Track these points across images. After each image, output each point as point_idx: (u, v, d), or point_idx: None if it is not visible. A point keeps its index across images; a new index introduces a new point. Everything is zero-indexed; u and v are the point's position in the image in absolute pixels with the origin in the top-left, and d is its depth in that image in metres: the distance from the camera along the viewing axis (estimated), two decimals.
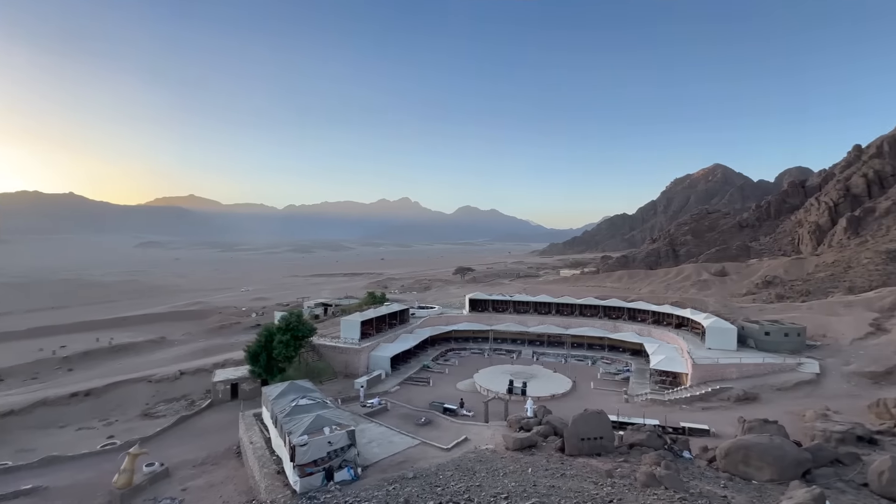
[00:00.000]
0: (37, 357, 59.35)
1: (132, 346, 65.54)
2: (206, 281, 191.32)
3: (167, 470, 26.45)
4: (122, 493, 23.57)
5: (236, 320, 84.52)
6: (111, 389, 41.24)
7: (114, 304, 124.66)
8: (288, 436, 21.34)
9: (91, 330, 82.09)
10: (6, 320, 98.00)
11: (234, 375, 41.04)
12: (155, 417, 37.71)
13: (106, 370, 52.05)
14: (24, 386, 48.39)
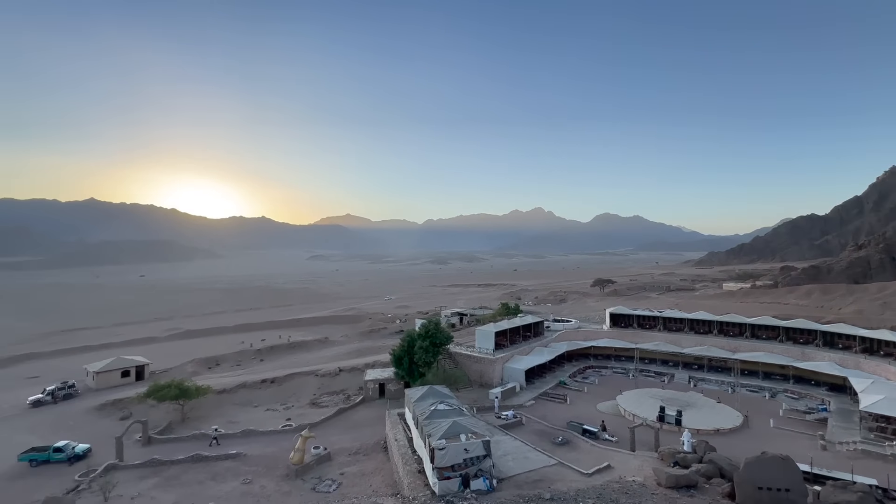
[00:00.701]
0: (240, 348, 74.49)
1: (304, 343, 77.51)
2: (358, 289, 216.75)
3: (329, 454, 30.23)
4: (296, 469, 27.72)
5: (383, 325, 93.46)
6: (289, 379, 49.23)
7: (291, 307, 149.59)
8: (428, 438, 22.47)
9: (275, 328, 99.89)
10: (222, 318, 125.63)
11: (382, 376, 45.20)
12: (320, 407, 43.68)
13: (285, 363, 62.49)
14: (231, 371, 61.04)
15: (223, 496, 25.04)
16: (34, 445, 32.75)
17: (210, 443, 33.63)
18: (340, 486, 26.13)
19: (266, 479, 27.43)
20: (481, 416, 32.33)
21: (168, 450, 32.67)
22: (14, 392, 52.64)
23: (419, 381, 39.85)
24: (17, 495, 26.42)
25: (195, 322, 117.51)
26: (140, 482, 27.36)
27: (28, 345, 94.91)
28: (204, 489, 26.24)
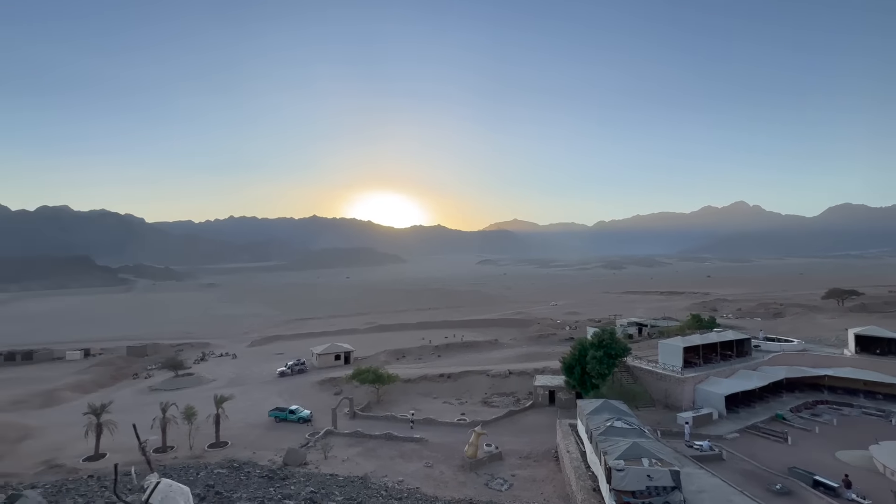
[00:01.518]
0: (421, 344, 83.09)
1: (475, 343, 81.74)
2: (526, 294, 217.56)
3: (500, 454, 30.96)
4: (470, 462, 29.26)
5: (552, 331, 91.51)
6: (463, 376, 52.46)
7: (462, 308, 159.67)
8: (604, 455, 20.92)
9: (450, 328, 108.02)
10: (406, 315, 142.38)
11: (552, 383, 44.18)
12: (491, 406, 45.22)
13: (459, 360, 66.91)
14: (414, 363, 68.45)
15: (410, 474, 28.11)
16: (278, 406, 42.87)
17: (410, 426, 37.75)
18: (512, 488, 26.47)
19: (444, 466, 29.72)
20: (667, 442, 28.52)
21: (367, 425, 38.46)
22: (269, 364, 69.62)
23: (592, 392, 37.54)
24: (270, 442, 34.84)
25: (386, 318, 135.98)
26: (348, 448, 32.92)
27: (276, 328, 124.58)
28: (395, 464, 29.98)
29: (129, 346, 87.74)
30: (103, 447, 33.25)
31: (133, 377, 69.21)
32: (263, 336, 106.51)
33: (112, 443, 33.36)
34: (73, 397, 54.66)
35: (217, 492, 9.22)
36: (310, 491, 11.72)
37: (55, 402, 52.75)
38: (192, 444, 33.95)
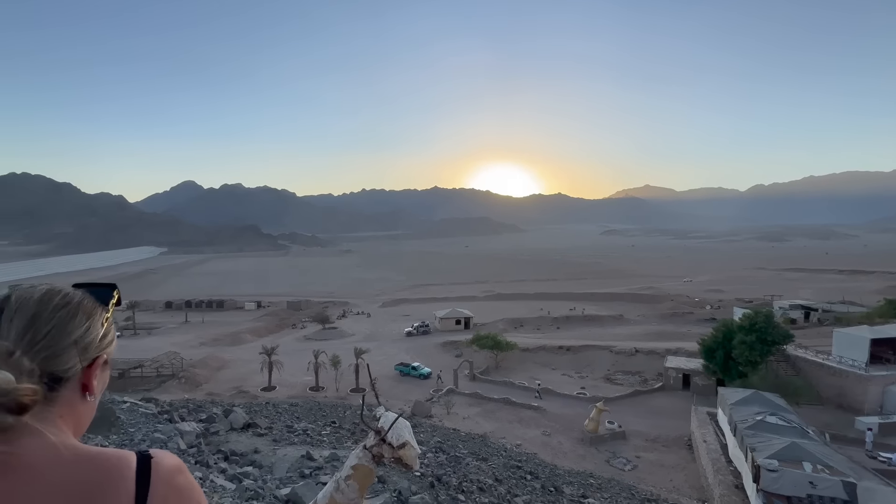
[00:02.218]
0: (539, 314, 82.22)
1: (597, 318, 77.85)
2: (657, 267, 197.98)
3: (624, 433, 29.60)
4: (590, 437, 28.61)
5: (689, 310, 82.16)
6: (583, 350, 50.76)
7: (584, 281, 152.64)
8: (751, 452, 18.55)
9: (570, 300, 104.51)
10: (524, 285, 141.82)
11: (686, 366, 40.16)
12: (614, 383, 43.14)
13: (579, 334, 64.70)
14: (532, 333, 68.30)
15: (528, 439, 28.68)
16: (402, 361, 47.13)
17: (535, 395, 37.45)
18: (636, 469, 25.25)
19: (563, 437, 29.60)
20: (840, 448, 23.96)
21: (486, 388, 40.02)
22: (397, 324, 76.39)
23: (738, 381, 33.14)
24: (399, 393, 38.66)
25: (503, 287, 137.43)
26: (469, 408, 34.83)
27: (402, 292, 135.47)
28: (513, 428, 30.86)
29: (289, 301, 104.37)
30: (273, 381, 40.83)
31: (292, 327, 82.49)
32: (392, 298, 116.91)
33: (279, 378, 40.87)
34: (251, 339, 67.61)
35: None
36: (437, 440, 12.76)
37: (240, 342, 65.90)
38: (338, 387, 39.61)
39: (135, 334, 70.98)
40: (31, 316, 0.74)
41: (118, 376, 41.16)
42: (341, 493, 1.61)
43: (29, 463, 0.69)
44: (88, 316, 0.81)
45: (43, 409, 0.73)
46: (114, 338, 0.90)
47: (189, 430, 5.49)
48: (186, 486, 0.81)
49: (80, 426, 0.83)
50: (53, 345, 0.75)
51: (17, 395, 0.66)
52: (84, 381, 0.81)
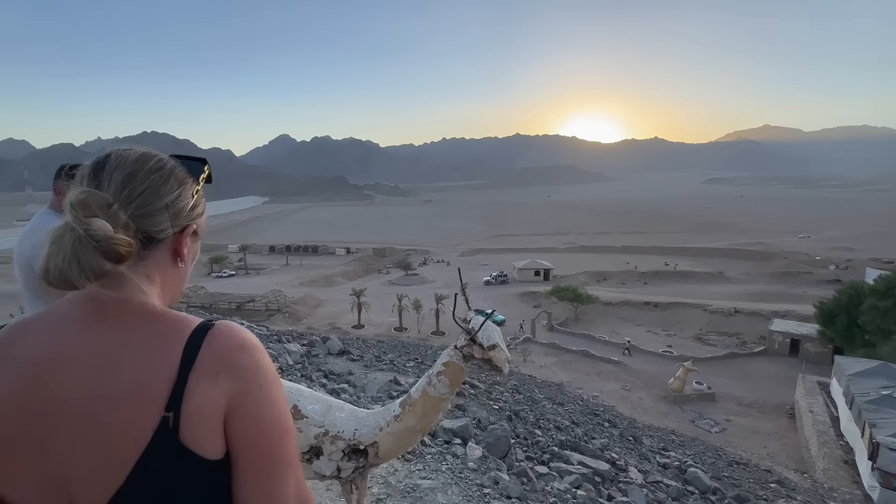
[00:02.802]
0: (625, 268, 78.07)
1: (692, 274, 71.89)
2: (770, 221, 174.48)
3: (714, 395, 27.98)
4: (674, 396, 27.51)
5: (806, 269, 72.16)
6: (673, 307, 47.72)
7: (678, 234, 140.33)
8: (870, 428, 16.54)
9: (660, 254, 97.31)
10: (609, 237, 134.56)
11: (796, 331, 36.03)
12: (706, 344, 40.35)
13: (669, 290, 60.58)
14: (616, 287, 65.43)
15: (606, 392, 28.41)
16: (478, 308, 48.41)
17: (623, 352, 36.15)
18: (724, 432, 23.99)
19: (643, 393, 28.83)
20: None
21: (564, 339, 39.84)
22: (476, 273, 77.75)
23: (862, 351, 29.05)
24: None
25: (586, 239, 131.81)
26: (545, 357, 35.14)
27: (481, 242, 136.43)
28: (590, 380, 30.68)
29: (375, 248, 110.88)
30: (362, 320, 44.56)
31: (377, 272, 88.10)
32: (471, 248, 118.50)
33: (367, 318, 44.46)
34: (342, 282, 73.69)
35: None
36: (514, 384, 13.14)
37: (332, 284, 72.22)
38: (420, 329, 42.13)
39: (246, 273, 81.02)
40: (127, 174, 0.76)
41: (235, 308, 47.79)
42: (433, 388, 1.70)
43: (122, 310, 0.75)
44: (180, 184, 0.82)
45: (136, 264, 0.77)
46: (204, 211, 0.90)
47: (295, 349, 6.23)
48: (249, 367, 0.75)
49: (170, 291, 0.85)
50: (147, 204, 0.77)
51: (114, 244, 0.70)
52: (175, 247, 0.82)
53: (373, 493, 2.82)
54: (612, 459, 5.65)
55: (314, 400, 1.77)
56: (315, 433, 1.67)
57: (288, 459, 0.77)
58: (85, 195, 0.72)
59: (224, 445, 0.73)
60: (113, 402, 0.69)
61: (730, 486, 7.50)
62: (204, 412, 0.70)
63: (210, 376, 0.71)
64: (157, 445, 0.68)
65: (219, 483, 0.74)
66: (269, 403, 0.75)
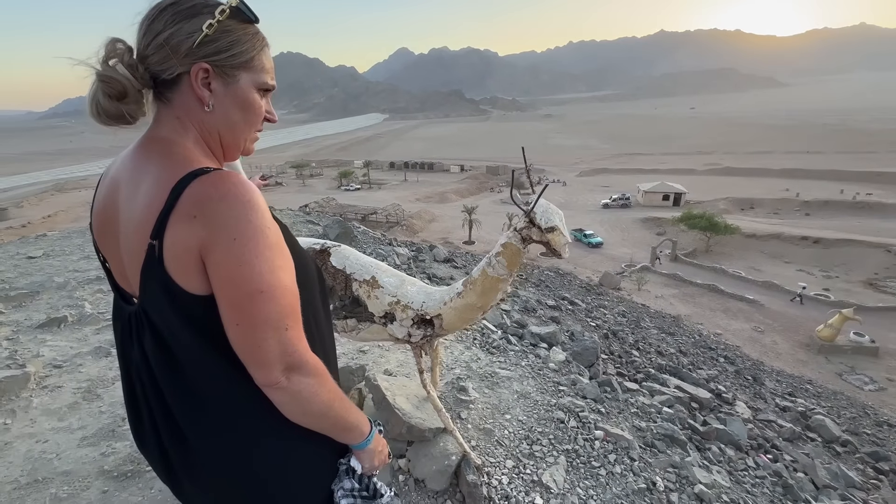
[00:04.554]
0: (782, 196, 65.41)
1: (879, 206, 57.36)
2: None
3: (877, 349, 23.66)
4: (821, 344, 23.92)
5: None
6: (840, 245, 39.53)
7: (873, 155, 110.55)
8: None
9: (837, 180, 78.73)
10: (767, 158, 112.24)
11: None
12: (880, 290, 33.27)
13: (840, 224, 49.71)
14: (766, 218, 55.78)
15: (731, 331, 25.85)
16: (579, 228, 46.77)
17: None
18: (883, 391, 20.47)
19: (779, 337, 25.57)
20: None
21: (689, 272, 36.33)
22: (594, 195, 72.97)
23: None
24: (589, 263, 38.72)
25: (736, 160, 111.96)
26: (663, 288, 32.73)
27: (603, 161, 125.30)
28: (714, 317, 28.04)
29: (488, 166, 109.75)
30: (473, 237, 45.99)
31: (490, 190, 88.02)
32: (591, 168, 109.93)
33: (478, 235, 45.67)
34: (455, 199, 75.61)
35: (547, 285, 11.30)
36: (622, 309, 12.67)
37: (446, 201, 74.64)
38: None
39: (370, 188, 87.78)
40: (152, 15, 0.78)
41: (361, 219, 52.91)
42: (492, 268, 1.75)
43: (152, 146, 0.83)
44: (183, 17, 0.78)
45: (167, 107, 0.83)
46: (227, 47, 0.81)
47: (402, 252, 6.78)
48: (224, 219, 0.74)
49: (212, 137, 0.86)
50: (149, 42, 0.77)
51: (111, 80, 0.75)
52: (195, 90, 0.81)
53: (454, 373, 3.11)
54: (717, 391, 5.29)
55: (390, 274, 1.95)
56: (389, 301, 1.87)
57: (260, 320, 0.77)
58: (110, 41, 0.76)
59: (207, 284, 0.77)
60: (132, 220, 0.78)
61: (869, 443, 6.56)
62: (178, 249, 0.74)
63: (186, 218, 0.73)
64: (149, 267, 0.76)
65: (201, 315, 0.78)
66: (238, 260, 0.74)
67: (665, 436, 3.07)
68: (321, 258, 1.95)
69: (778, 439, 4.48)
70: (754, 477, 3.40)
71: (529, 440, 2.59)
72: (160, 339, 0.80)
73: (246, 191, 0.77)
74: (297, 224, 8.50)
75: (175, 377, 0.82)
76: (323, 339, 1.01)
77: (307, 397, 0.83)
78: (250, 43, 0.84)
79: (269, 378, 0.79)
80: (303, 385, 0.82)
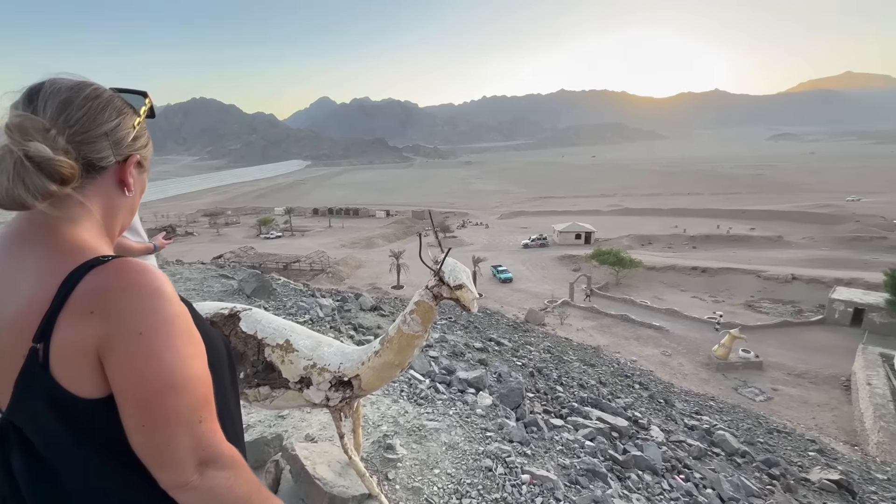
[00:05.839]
0: (672, 232, 74.44)
1: (747, 238, 67.52)
2: (842, 180, 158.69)
3: (761, 363, 26.93)
4: (718, 362, 26.73)
5: (880, 234, 65.71)
6: (723, 273, 45.43)
7: (736, 196, 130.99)
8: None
9: (714, 217, 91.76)
10: (657, 200, 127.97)
11: (861, 300, 33.42)
12: (757, 311, 38.42)
13: (720, 255, 57.45)
14: (662, 251, 62.79)
15: (644, 357, 28.01)
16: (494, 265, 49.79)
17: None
18: (770, 401, 23.20)
19: (684, 359, 28.18)
20: None
21: (603, 304, 39.21)
22: (514, 236, 77.07)
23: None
24: (514, 301, 40.19)
25: (633, 201, 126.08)
26: (583, 321, 34.85)
27: (521, 204, 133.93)
28: (629, 344, 30.27)
29: (413, 210, 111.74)
30: (401, 281, 45.76)
31: (416, 234, 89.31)
32: (510, 210, 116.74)
33: (406, 279, 45.59)
34: (382, 244, 75.36)
35: (475, 326, 11.50)
36: (547, 345, 13.20)
37: (373, 246, 74.09)
38: None
39: (292, 235, 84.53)
40: (63, 100, 0.74)
41: (283, 268, 50.33)
42: (407, 325, 1.79)
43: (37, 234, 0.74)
44: (119, 113, 0.80)
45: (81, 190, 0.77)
46: (148, 143, 0.88)
47: (326, 304, 6.55)
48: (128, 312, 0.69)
49: (119, 220, 0.85)
50: (86, 131, 0.75)
51: (56, 165, 0.69)
52: (120, 177, 0.82)
53: (381, 430, 3.01)
54: (634, 418, 5.65)
55: (305, 336, 1.90)
56: (304, 365, 1.81)
57: (171, 416, 0.70)
58: (21, 118, 0.70)
59: (104, 385, 0.70)
60: (4, 320, 0.69)
61: (762, 451, 7.34)
62: (70, 350, 0.67)
63: (81, 315, 0.67)
64: (28, 375, 0.68)
65: (96, 422, 0.71)
66: (147, 354, 0.69)
67: (588, 471, 3.20)
68: (230, 324, 1.85)
69: (688, 458, 4.87)
70: (669, 500, 3.64)
71: (459, 493, 2.55)
72: (34, 457, 0.70)
73: (151, 278, 0.72)
74: (208, 279, 7.88)
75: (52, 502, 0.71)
76: (233, 421, 0.94)
77: (222, 493, 0.75)
78: (148, 134, 0.90)
79: (180, 479, 0.71)
80: (217, 480, 0.75)
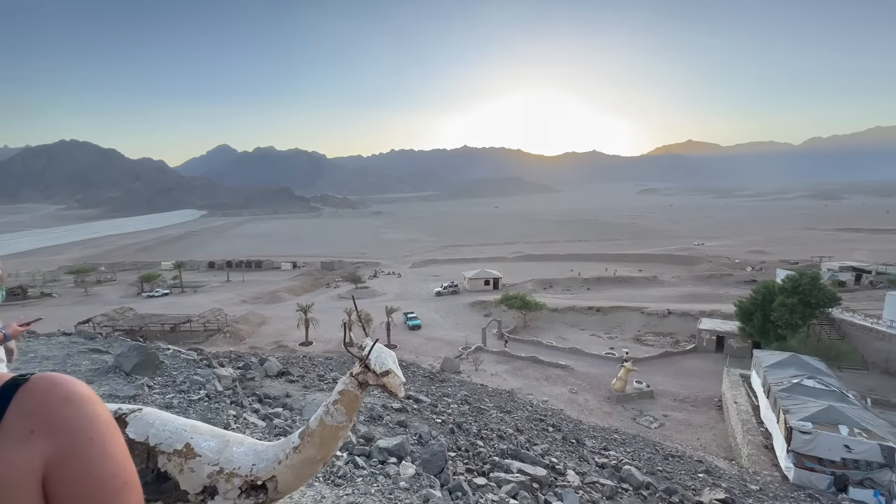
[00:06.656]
0: (569, 275, 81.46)
1: (629, 279, 76.40)
2: (696, 228, 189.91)
3: (652, 392, 29.65)
4: (617, 395, 28.86)
5: (727, 271, 79.09)
6: (613, 311, 50.28)
7: (618, 242, 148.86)
8: (784, 414, 18.26)
9: (601, 261, 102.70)
10: (554, 246, 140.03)
11: (721, 328, 39.21)
12: (644, 344, 42.82)
13: (610, 295, 63.94)
14: (562, 294, 68.02)
15: (554, 396, 29.26)
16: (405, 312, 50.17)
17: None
18: (663, 427, 25.45)
19: (589, 395, 29.99)
20: (882, 413, 23.19)
21: (514, 346, 40.68)
22: (426, 284, 77.79)
23: (776, 344, 32.19)
24: (430, 350, 39.85)
25: (533, 248, 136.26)
26: (496, 365, 35.64)
27: (432, 253, 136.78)
28: (539, 385, 31.48)
29: (323, 262, 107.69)
30: (310, 337, 42.91)
31: (326, 286, 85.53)
32: (422, 259, 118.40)
33: (316, 334, 42.88)
34: (288, 298, 70.73)
35: None
36: (464, 394, 13.18)
37: (278, 301, 69.12)
38: None
39: (182, 292, 75.59)
40: None
41: (170, 330, 44.33)
42: (330, 416, 1.69)
43: None
44: None
45: None
46: None
47: (226, 374, 5.86)
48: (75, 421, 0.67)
49: None
50: None
51: None
52: None
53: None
54: (551, 464, 5.81)
55: (210, 436, 1.68)
56: (209, 472, 1.58)
57: None
58: None
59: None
60: None
61: (662, 479, 7.96)
62: (11, 478, 0.62)
63: (20, 437, 0.63)
64: None
65: None
66: (103, 457, 0.68)
67: None
68: None
69: (602, 499, 5.10)
70: None
71: None
72: None
73: (81, 387, 0.72)
74: (73, 356, 6.59)
75: None
76: None
77: None
78: None
79: None
80: None
